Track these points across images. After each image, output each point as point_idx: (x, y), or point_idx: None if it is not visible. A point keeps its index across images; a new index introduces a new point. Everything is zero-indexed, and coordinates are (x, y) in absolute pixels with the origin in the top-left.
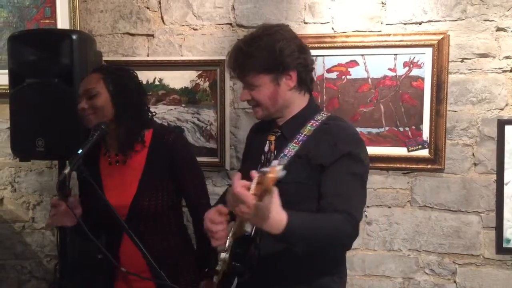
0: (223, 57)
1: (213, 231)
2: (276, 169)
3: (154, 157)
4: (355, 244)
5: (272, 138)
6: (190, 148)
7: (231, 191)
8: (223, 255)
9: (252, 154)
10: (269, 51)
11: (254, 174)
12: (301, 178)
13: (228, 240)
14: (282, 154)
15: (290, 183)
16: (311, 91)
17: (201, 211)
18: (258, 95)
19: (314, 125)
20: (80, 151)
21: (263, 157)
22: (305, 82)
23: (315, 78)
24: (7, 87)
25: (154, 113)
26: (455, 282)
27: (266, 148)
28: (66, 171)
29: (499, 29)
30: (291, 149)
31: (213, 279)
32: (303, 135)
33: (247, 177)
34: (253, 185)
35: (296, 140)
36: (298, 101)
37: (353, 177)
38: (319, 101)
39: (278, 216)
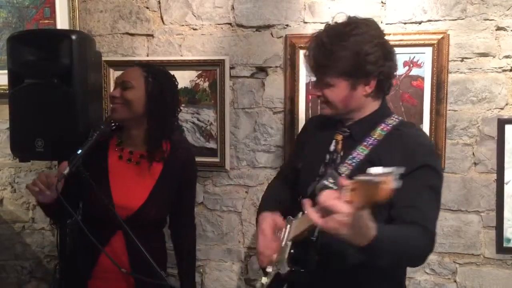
0: (223, 57)
1: (264, 255)
2: (390, 179)
3: (169, 171)
4: None
5: (340, 137)
6: (196, 167)
7: (320, 202)
8: (271, 273)
9: (313, 151)
10: (354, 54)
11: (344, 180)
12: None
13: (284, 243)
14: (351, 156)
15: None
16: (386, 95)
17: (188, 227)
18: (330, 94)
19: (386, 129)
20: (79, 151)
21: (328, 156)
22: (384, 89)
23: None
24: (7, 87)
25: (178, 124)
26: (455, 281)
27: (332, 148)
28: (66, 171)
29: (499, 28)
30: (361, 152)
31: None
32: (373, 138)
33: (305, 173)
34: (345, 192)
35: (366, 144)
36: (371, 105)
37: (430, 190)
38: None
39: (368, 227)
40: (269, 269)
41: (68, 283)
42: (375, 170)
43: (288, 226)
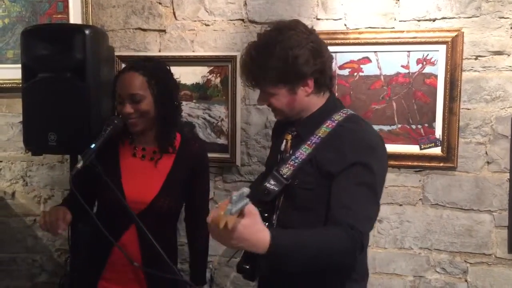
0: (235, 53)
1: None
2: (224, 206)
3: (180, 163)
4: None
5: (289, 137)
6: (208, 160)
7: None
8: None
9: (273, 152)
10: (283, 61)
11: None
12: (310, 185)
13: None
14: (294, 157)
15: (300, 188)
16: (332, 88)
17: (202, 219)
18: (275, 102)
19: (330, 126)
20: (93, 145)
21: (279, 156)
22: (324, 84)
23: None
24: (20, 81)
25: (182, 110)
26: (466, 281)
27: (282, 147)
28: (79, 165)
29: None
30: (303, 151)
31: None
32: (317, 137)
33: (265, 174)
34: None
35: (309, 142)
36: (316, 102)
37: (360, 188)
38: None
39: (255, 236)
40: None
41: (81, 276)
42: (232, 195)
43: None
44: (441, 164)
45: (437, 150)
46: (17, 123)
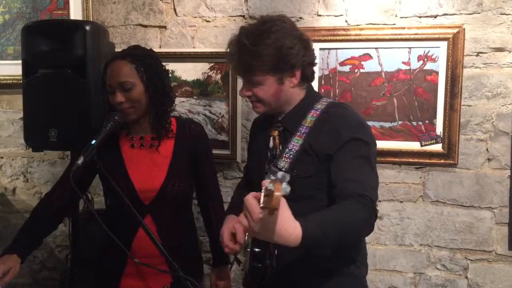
0: None
1: (228, 247)
2: (281, 187)
3: (181, 145)
4: (366, 238)
5: (275, 133)
6: (209, 140)
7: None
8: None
9: (257, 150)
10: (277, 50)
11: (265, 183)
12: (310, 172)
13: (246, 238)
14: (287, 149)
15: (300, 178)
16: (310, 81)
17: (215, 199)
18: (260, 92)
19: (315, 115)
20: (93, 141)
21: (269, 153)
22: (308, 77)
23: (328, 72)
24: (21, 77)
25: (175, 95)
26: (466, 278)
27: (271, 144)
28: (80, 161)
29: None
30: (296, 143)
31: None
32: (305, 127)
33: (254, 174)
34: (262, 196)
35: (299, 134)
36: (297, 95)
37: (360, 160)
38: (332, 94)
39: (290, 228)
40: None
41: (102, 276)
42: (278, 175)
43: None
44: (442, 161)
45: (437, 147)
46: (18, 119)
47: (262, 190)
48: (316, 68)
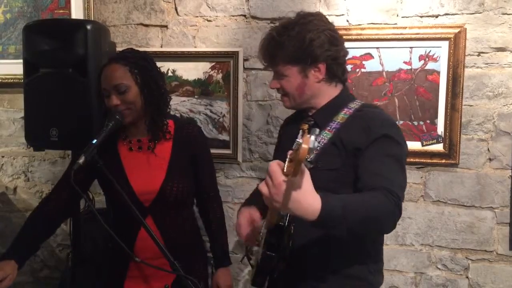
0: (237, 49)
1: (243, 236)
2: (309, 139)
3: (179, 146)
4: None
5: (305, 126)
6: (207, 141)
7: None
8: (256, 247)
9: (284, 145)
10: (299, 41)
11: (290, 152)
12: (336, 165)
13: (261, 231)
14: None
15: (325, 170)
16: (345, 82)
17: (213, 200)
18: (286, 84)
19: (348, 112)
20: (94, 141)
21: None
22: (336, 74)
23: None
24: (22, 77)
25: (170, 98)
26: (467, 277)
27: (299, 137)
28: (81, 160)
29: None
30: (325, 136)
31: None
32: (336, 122)
33: None
34: (286, 163)
35: (329, 128)
36: (329, 92)
37: (391, 158)
38: None
39: (310, 198)
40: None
41: (106, 279)
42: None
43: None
44: (443, 161)
45: (439, 147)
46: (19, 118)
47: (287, 158)
48: None
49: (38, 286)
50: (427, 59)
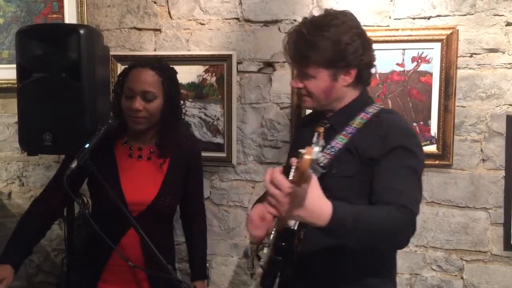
0: (230, 52)
1: (254, 236)
2: (312, 150)
3: (176, 161)
4: None
5: (321, 129)
6: (201, 155)
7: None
8: (265, 250)
9: (299, 146)
10: (334, 44)
11: (294, 160)
12: (349, 172)
13: (271, 235)
14: (329, 145)
15: (338, 177)
16: (367, 85)
17: (199, 213)
18: (312, 86)
19: (365, 117)
20: (87, 145)
21: None
22: (364, 78)
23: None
24: (15, 81)
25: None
26: (462, 278)
27: (314, 140)
28: (74, 165)
29: (508, 24)
30: (339, 141)
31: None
32: (352, 127)
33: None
34: (291, 172)
35: (345, 133)
36: (350, 95)
37: (406, 170)
38: None
39: (319, 205)
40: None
41: (79, 277)
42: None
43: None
44: (437, 162)
45: (432, 148)
46: (13, 123)
47: (292, 166)
48: None
49: None
50: (419, 60)
